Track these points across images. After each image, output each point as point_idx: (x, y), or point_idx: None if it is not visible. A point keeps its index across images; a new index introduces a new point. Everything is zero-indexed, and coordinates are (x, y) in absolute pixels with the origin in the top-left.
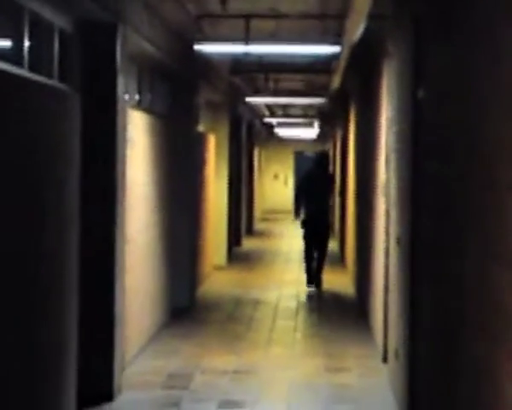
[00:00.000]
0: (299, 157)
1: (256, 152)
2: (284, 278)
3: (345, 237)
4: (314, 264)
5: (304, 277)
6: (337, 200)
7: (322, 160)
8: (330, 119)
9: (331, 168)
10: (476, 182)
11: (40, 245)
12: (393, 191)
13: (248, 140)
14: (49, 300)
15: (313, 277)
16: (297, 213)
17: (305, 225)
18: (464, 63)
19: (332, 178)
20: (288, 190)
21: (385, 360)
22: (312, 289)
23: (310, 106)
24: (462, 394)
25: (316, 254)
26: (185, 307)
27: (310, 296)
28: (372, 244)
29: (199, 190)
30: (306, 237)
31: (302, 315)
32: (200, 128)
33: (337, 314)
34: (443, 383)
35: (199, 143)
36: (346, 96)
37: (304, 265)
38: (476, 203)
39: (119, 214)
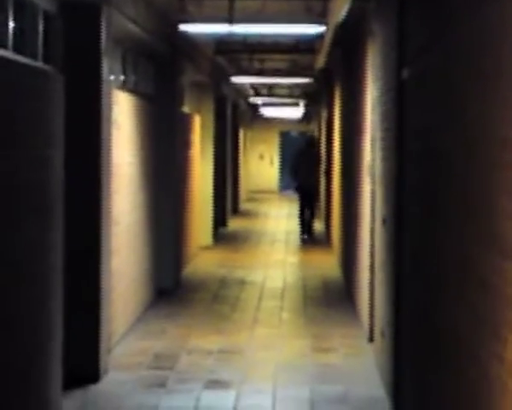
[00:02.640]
0: (285, 137)
1: (241, 132)
2: (270, 259)
3: (330, 218)
4: (306, 218)
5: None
6: (322, 180)
7: (312, 140)
8: (315, 99)
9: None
10: (460, 161)
11: (23, 226)
12: (379, 172)
13: (233, 120)
14: (34, 281)
15: (305, 228)
16: (294, 180)
17: (298, 189)
18: (448, 42)
19: (318, 155)
20: (274, 170)
21: (371, 339)
22: (305, 237)
23: (295, 86)
24: (447, 373)
25: (307, 212)
26: (171, 287)
27: (303, 241)
28: (358, 225)
29: (184, 170)
30: (300, 199)
31: (288, 296)
32: (185, 109)
33: (323, 295)
34: (428, 362)
35: (184, 123)
36: (330, 76)
37: (298, 219)
38: (460, 182)
39: (104, 196)
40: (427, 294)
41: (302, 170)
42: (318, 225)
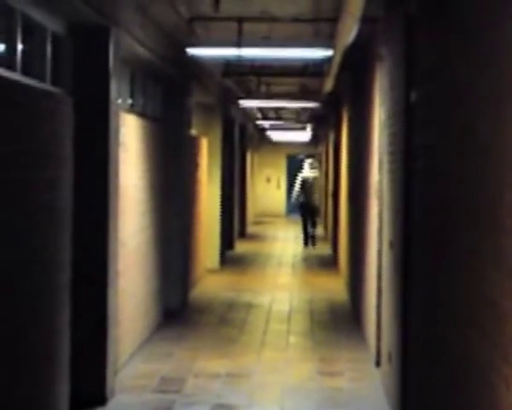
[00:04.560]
0: (292, 160)
1: (249, 155)
2: (277, 282)
3: (337, 240)
4: (308, 232)
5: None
6: (330, 202)
7: (313, 165)
8: (323, 122)
9: (321, 170)
10: (469, 184)
11: (33, 245)
12: (386, 194)
13: (241, 143)
14: (41, 303)
15: (308, 240)
16: (298, 200)
17: (301, 208)
18: (456, 64)
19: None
20: (281, 194)
21: (378, 363)
22: (309, 247)
23: (302, 109)
24: (456, 397)
25: (310, 226)
26: (178, 310)
27: (305, 251)
28: (365, 247)
29: (191, 193)
30: (302, 216)
31: (295, 319)
32: (193, 131)
33: (330, 318)
34: (436, 386)
35: (191, 146)
36: (338, 99)
37: (302, 233)
38: (469, 205)
39: (112, 217)
40: (435, 317)
41: (305, 190)
42: (325, 247)
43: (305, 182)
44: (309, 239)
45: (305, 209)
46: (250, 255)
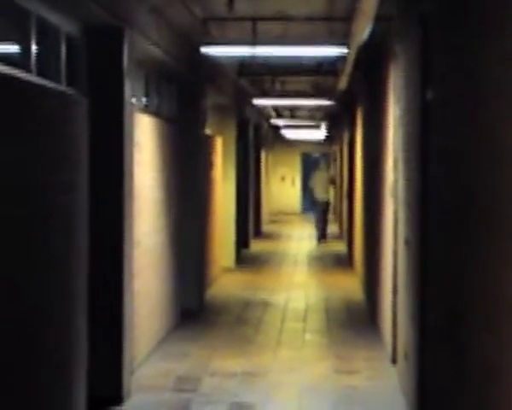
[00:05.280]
0: (306, 158)
1: (263, 154)
2: (292, 281)
3: (353, 239)
4: (320, 227)
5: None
6: (344, 200)
7: (325, 163)
8: (338, 120)
9: (335, 168)
10: (485, 182)
11: (48, 249)
12: (401, 193)
13: (255, 142)
14: (58, 304)
15: (321, 235)
16: (312, 196)
17: (314, 204)
18: (472, 63)
19: (332, 175)
20: (295, 192)
21: (394, 361)
22: (323, 242)
23: (317, 108)
24: (472, 396)
25: (321, 222)
26: (194, 309)
27: (318, 244)
28: (380, 246)
29: (206, 192)
30: (315, 212)
31: (311, 317)
32: (208, 131)
33: (346, 316)
34: (453, 385)
35: (206, 145)
36: (353, 97)
37: (315, 228)
38: (485, 204)
39: (128, 218)
40: (451, 316)
41: (317, 186)
42: (341, 246)
43: (315, 179)
44: (320, 234)
45: (317, 206)
46: (265, 254)
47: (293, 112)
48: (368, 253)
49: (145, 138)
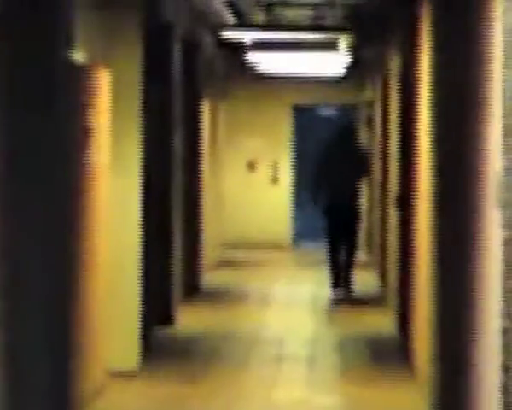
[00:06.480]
0: (305, 119)
1: (208, 109)
2: (274, 399)
3: (412, 301)
4: (341, 260)
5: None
6: (388, 209)
7: (349, 129)
8: (375, 33)
9: (365, 141)
10: None
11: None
12: None
13: (189, 82)
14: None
15: (340, 277)
16: (316, 199)
17: (327, 213)
18: None
19: (363, 155)
20: (281, 195)
21: None
22: (339, 292)
23: (329, 2)
24: None
25: (343, 248)
26: None
27: (335, 302)
28: (474, 279)
29: (75, 198)
30: (329, 228)
31: None
32: (79, 54)
33: None
34: None
35: (75, 86)
36: None
37: (327, 263)
38: None
39: None
40: None
41: (333, 180)
42: (378, 314)
43: (331, 156)
44: (341, 276)
45: (333, 215)
46: (209, 338)
47: (273, 10)
48: (444, 293)
49: None
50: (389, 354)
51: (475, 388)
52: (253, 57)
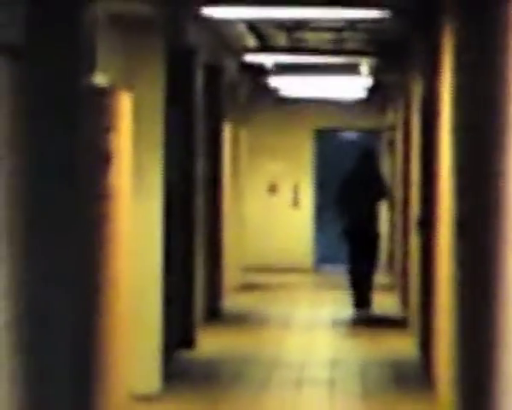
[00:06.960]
0: (327, 143)
1: (230, 132)
2: None
3: (433, 326)
4: (361, 282)
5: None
6: (410, 234)
7: (370, 154)
8: (397, 57)
9: (387, 165)
10: None
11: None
12: None
13: (211, 105)
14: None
15: (362, 297)
16: (340, 220)
17: (348, 235)
18: None
19: (380, 178)
20: (302, 218)
21: None
22: (361, 312)
23: (351, 26)
24: None
25: (364, 268)
26: None
27: (357, 322)
28: (496, 303)
29: (98, 226)
30: (350, 250)
31: None
32: (99, 77)
33: None
34: None
35: (96, 110)
36: (433, 7)
37: (349, 285)
38: None
39: None
40: None
41: (353, 201)
42: (400, 339)
43: (350, 184)
44: (363, 297)
45: (354, 236)
46: (230, 362)
47: (295, 34)
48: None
49: None
50: (411, 378)
51: None
52: (275, 81)
